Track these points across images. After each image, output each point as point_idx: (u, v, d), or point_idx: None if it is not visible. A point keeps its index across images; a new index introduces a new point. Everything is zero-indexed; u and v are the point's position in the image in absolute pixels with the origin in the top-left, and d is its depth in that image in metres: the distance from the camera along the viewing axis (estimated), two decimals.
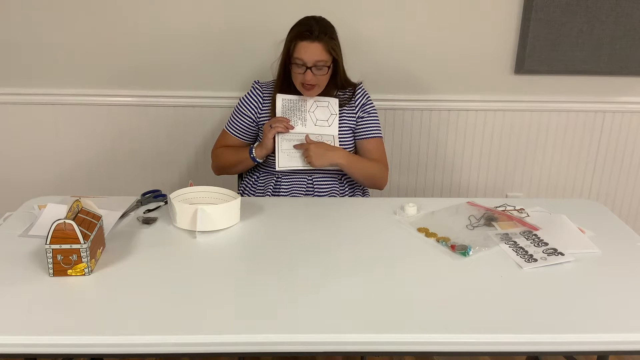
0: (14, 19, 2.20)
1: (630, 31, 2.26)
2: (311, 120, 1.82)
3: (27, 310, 1.14)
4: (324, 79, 1.79)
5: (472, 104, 2.37)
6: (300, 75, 1.76)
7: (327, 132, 1.83)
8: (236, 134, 1.92)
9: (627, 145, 2.46)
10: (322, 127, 1.82)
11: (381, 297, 1.21)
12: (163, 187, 2.22)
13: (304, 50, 1.72)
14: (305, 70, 1.74)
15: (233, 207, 1.53)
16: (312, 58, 1.72)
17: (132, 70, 2.28)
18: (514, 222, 1.56)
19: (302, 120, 1.81)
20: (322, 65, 1.74)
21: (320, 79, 1.77)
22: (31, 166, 2.39)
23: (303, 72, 1.75)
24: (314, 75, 1.75)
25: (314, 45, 1.72)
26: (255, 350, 1.09)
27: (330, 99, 1.84)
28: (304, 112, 1.82)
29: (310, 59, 1.73)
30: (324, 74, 1.77)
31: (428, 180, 2.49)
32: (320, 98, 1.84)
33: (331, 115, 1.83)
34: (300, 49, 1.73)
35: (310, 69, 1.73)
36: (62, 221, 1.24)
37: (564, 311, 1.16)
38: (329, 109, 1.83)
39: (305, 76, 1.74)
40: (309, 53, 1.72)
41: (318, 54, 1.72)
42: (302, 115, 1.82)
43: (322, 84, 1.80)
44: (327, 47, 1.73)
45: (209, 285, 1.25)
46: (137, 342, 1.07)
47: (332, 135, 1.83)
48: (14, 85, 2.29)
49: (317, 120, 1.82)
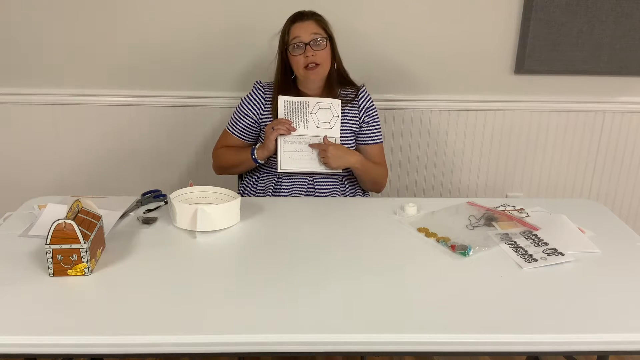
0: (14, 18, 2.20)
1: (630, 31, 2.26)
2: (313, 122, 1.82)
3: (27, 310, 1.14)
4: (324, 55, 1.79)
5: (472, 104, 2.37)
6: (300, 57, 1.77)
7: (329, 134, 1.82)
8: (237, 134, 1.91)
9: (627, 145, 2.46)
10: (324, 129, 1.82)
11: (381, 297, 1.21)
12: (163, 187, 2.22)
13: (298, 29, 1.78)
14: (305, 48, 1.76)
15: (233, 207, 1.53)
16: (307, 33, 1.77)
17: (132, 70, 2.28)
18: (514, 222, 1.56)
19: (304, 122, 1.81)
20: (320, 40, 1.77)
21: (321, 56, 1.78)
22: (31, 166, 2.39)
23: (302, 51, 1.76)
24: (314, 52, 1.76)
25: (307, 22, 1.80)
26: (255, 350, 1.09)
27: (332, 100, 1.84)
28: (306, 114, 1.82)
29: (306, 35, 1.77)
30: (323, 48, 1.78)
31: (428, 180, 2.49)
32: (323, 99, 1.83)
33: (333, 117, 1.83)
34: (295, 30, 1.79)
35: (308, 44, 1.76)
36: (62, 221, 1.24)
37: (564, 311, 1.16)
38: (331, 111, 1.83)
39: (306, 52, 1.76)
40: (304, 30, 1.78)
41: (312, 28, 1.78)
42: (304, 117, 1.81)
43: (324, 62, 1.80)
44: (320, 23, 1.81)
45: (209, 285, 1.25)
46: (137, 342, 1.07)
47: (334, 137, 1.83)
48: (14, 85, 2.29)
49: (319, 122, 1.82)
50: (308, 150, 1.82)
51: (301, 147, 1.82)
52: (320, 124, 1.82)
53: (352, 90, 1.92)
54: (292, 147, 1.81)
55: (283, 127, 1.77)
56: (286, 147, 1.81)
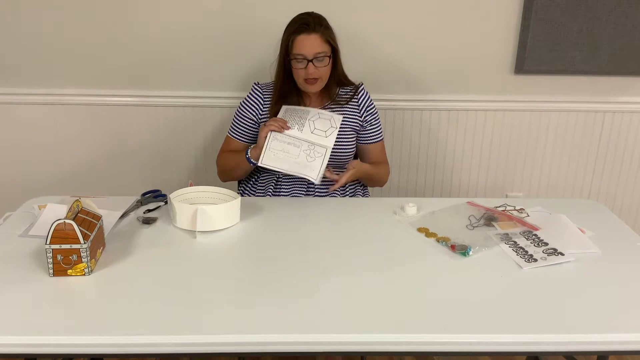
0: (14, 18, 2.20)
1: (630, 31, 2.26)
2: (308, 127, 1.78)
3: (27, 310, 1.14)
4: (325, 71, 1.78)
5: (472, 104, 2.37)
6: (302, 71, 1.76)
7: (322, 142, 1.76)
8: (239, 137, 1.91)
9: (627, 145, 2.46)
10: (318, 136, 1.77)
11: (381, 297, 1.21)
12: (163, 187, 2.22)
13: (302, 44, 1.73)
14: (307, 64, 1.74)
15: (233, 207, 1.53)
16: (311, 51, 1.73)
17: (132, 70, 2.28)
18: (514, 222, 1.56)
19: (299, 125, 1.78)
20: (323, 57, 1.75)
21: (322, 72, 1.77)
22: (31, 166, 2.39)
23: (304, 66, 1.75)
24: (316, 68, 1.75)
25: (312, 37, 1.73)
26: (255, 350, 1.09)
27: (334, 115, 1.81)
28: (304, 119, 1.80)
29: (310, 52, 1.73)
30: (325, 65, 1.77)
31: (428, 180, 2.49)
32: (324, 113, 1.81)
33: (331, 127, 1.79)
34: (299, 44, 1.74)
35: (311, 61, 1.74)
36: (62, 221, 1.24)
37: (564, 311, 1.16)
38: (330, 122, 1.80)
39: (308, 70, 1.74)
40: (308, 46, 1.73)
41: (317, 46, 1.74)
42: (301, 121, 1.79)
43: (325, 76, 1.80)
44: (325, 37, 1.75)
45: (209, 285, 1.25)
46: (137, 342, 1.07)
47: (326, 147, 1.76)
48: (14, 85, 2.29)
49: (314, 128, 1.78)
50: (295, 153, 1.75)
51: (289, 148, 1.76)
52: (316, 131, 1.78)
53: (350, 88, 1.92)
54: (279, 146, 1.75)
55: (276, 123, 1.74)
56: (273, 144, 1.75)
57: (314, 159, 1.75)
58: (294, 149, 1.76)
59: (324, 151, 1.76)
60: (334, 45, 1.79)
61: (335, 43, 1.80)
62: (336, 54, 1.81)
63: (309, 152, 1.76)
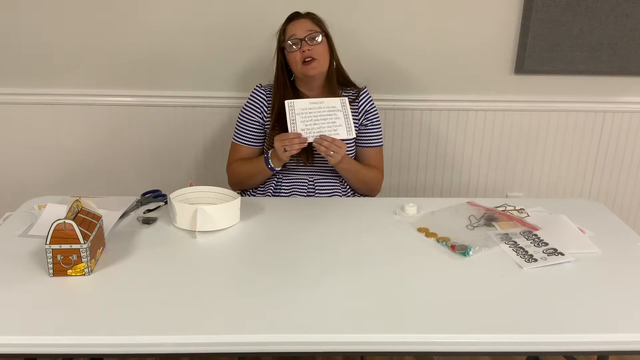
0: (14, 18, 2.20)
1: (630, 31, 2.26)
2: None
3: (27, 310, 1.14)
4: (321, 51, 1.79)
5: (472, 104, 2.37)
6: (297, 53, 1.78)
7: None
8: (246, 142, 1.89)
9: (627, 145, 2.46)
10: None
11: (381, 297, 1.21)
12: (163, 187, 2.22)
13: (294, 27, 1.80)
14: (300, 43, 1.77)
15: (233, 207, 1.53)
16: (302, 30, 1.79)
17: (132, 70, 2.28)
18: (514, 222, 1.56)
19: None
20: (315, 35, 1.78)
21: (318, 51, 1.77)
22: (31, 166, 2.39)
23: (299, 46, 1.77)
24: (311, 47, 1.77)
25: (302, 20, 1.82)
26: (255, 350, 1.09)
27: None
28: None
29: (302, 31, 1.79)
30: (319, 43, 1.78)
31: (428, 180, 2.49)
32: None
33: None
34: (291, 28, 1.81)
35: (304, 39, 1.77)
36: (62, 221, 1.24)
37: (564, 311, 1.16)
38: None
39: (302, 47, 1.77)
40: (299, 27, 1.80)
41: (307, 25, 1.80)
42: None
43: (322, 59, 1.79)
44: (315, 20, 1.83)
45: (209, 285, 1.25)
46: (137, 342, 1.07)
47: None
48: (14, 85, 2.29)
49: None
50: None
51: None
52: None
53: (353, 91, 1.92)
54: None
55: (294, 146, 1.68)
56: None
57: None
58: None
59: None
60: (324, 30, 1.83)
61: (326, 29, 1.84)
62: (330, 41, 1.84)
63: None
